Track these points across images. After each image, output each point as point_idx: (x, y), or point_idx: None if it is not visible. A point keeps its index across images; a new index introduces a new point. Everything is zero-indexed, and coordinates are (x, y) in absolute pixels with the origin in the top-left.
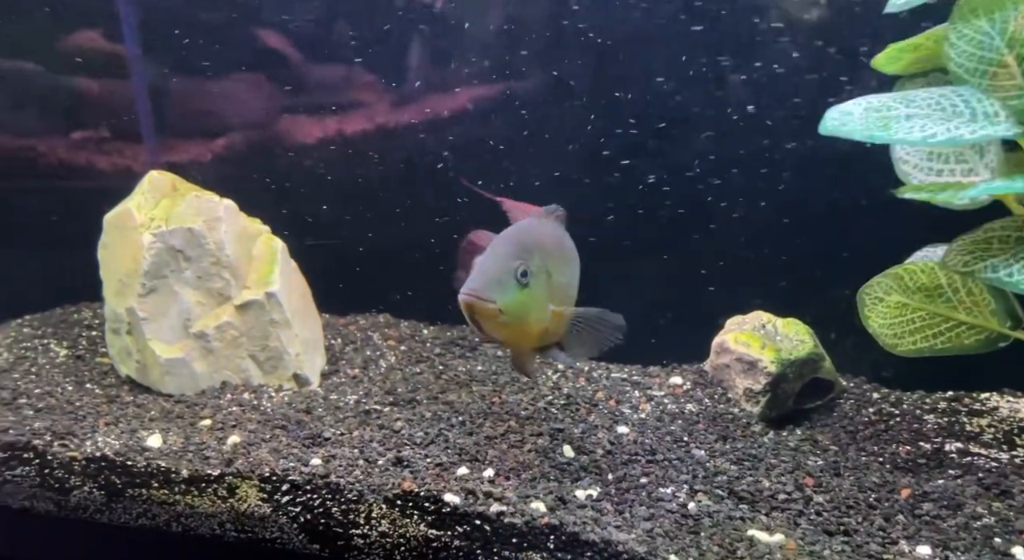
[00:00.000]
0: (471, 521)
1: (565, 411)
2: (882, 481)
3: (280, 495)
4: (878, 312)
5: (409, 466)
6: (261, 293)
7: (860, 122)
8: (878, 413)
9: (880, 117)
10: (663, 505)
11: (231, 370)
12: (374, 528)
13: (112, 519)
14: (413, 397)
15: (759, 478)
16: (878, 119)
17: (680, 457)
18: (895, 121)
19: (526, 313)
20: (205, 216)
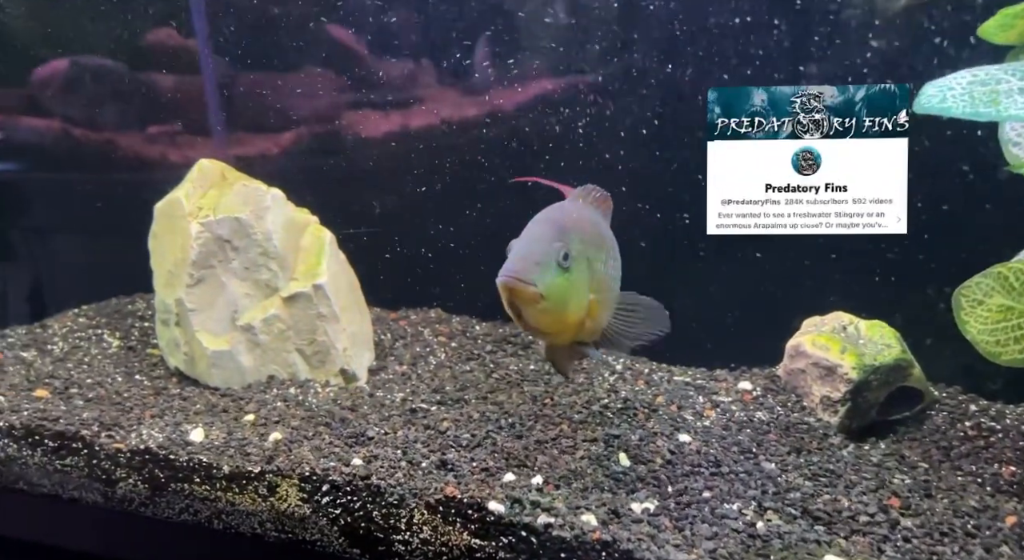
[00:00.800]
0: (517, 532)
1: (622, 416)
2: (982, 505)
3: (320, 496)
4: (977, 316)
5: (454, 470)
6: (309, 285)
7: (963, 98)
8: (976, 427)
9: (988, 92)
10: (728, 523)
11: (278, 364)
12: (416, 534)
13: (156, 513)
14: (461, 396)
15: (837, 496)
16: (985, 93)
17: (748, 470)
18: (1006, 96)
19: (567, 299)
20: (253, 205)
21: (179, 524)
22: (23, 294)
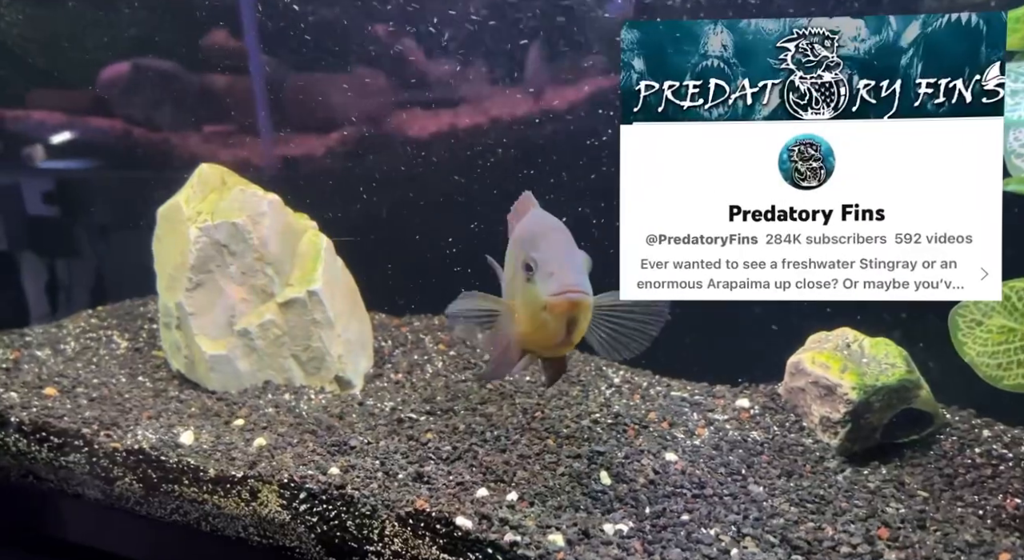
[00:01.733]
0: (483, 549)
1: (611, 431)
2: (977, 540)
3: (298, 503)
4: (976, 338)
5: (429, 482)
6: (303, 291)
7: None
8: (986, 455)
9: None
10: (701, 549)
11: (274, 370)
12: (387, 546)
13: (150, 512)
14: (451, 407)
15: (823, 524)
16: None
17: (733, 493)
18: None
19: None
20: (249, 210)
21: (170, 524)
22: (62, 289)
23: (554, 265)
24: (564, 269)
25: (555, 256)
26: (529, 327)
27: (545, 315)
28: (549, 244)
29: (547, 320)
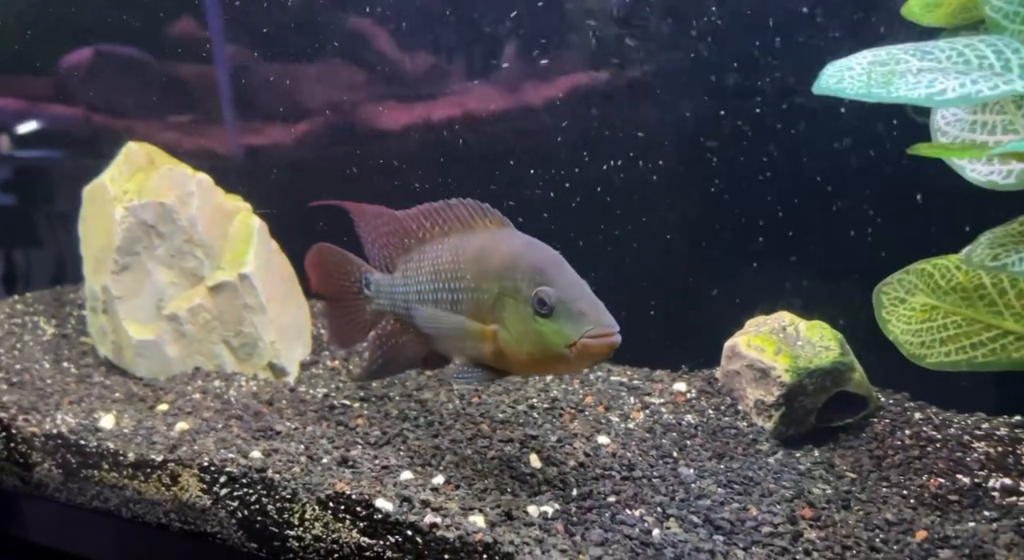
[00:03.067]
0: (403, 531)
1: (546, 416)
2: (897, 519)
3: (219, 487)
4: (899, 315)
5: (353, 467)
6: (234, 275)
7: (860, 78)
8: (915, 437)
9: (885, 72)
10: (623, 530)
11: (204, 356)
12: (308, 530)
13: (70, 499)
14: (386, 393)
15: (748, 505)
16: (882, 74)
17: (662, 475)
18: (900, 76)
19: None
20: (177, 190)
21: (91, 511)
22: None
23: (583, 304)
24: (597, 309)
25: (580, 293)
26: (531, 359)
27: (567, 352)
28: (567, 279)
29: (567, 357)
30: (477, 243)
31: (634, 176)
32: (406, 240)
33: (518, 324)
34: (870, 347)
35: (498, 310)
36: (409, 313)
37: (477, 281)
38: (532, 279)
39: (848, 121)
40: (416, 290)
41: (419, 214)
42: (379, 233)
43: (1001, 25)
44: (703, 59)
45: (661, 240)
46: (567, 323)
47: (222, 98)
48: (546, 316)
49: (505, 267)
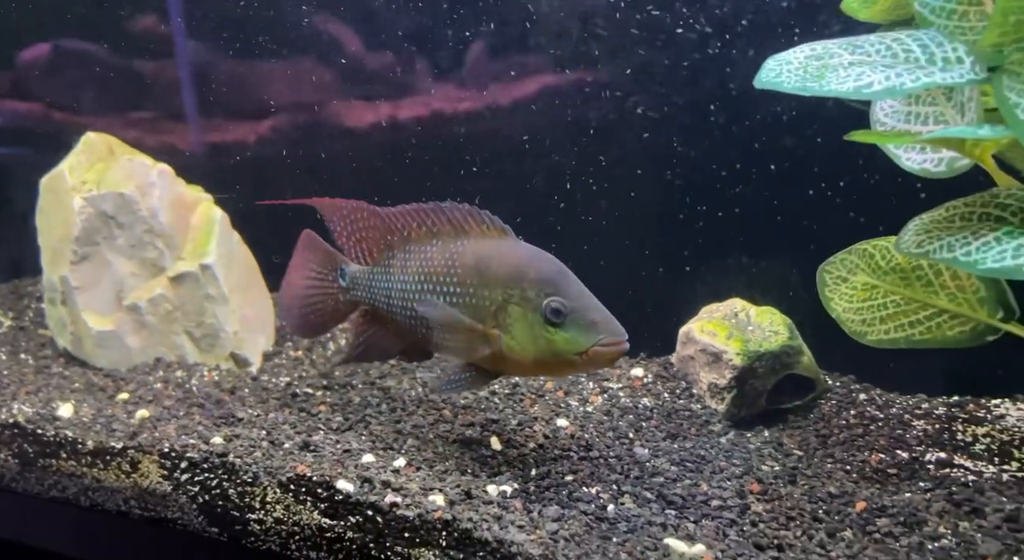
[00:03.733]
0: (363, 511)
1: (507, 401)
2: (839, 492)
3: (179, 473)
4: (841, 294)
5: (315, 451)
6: (196, 265)
7: (797, 72)
8: (859, 416)
9: (820, 66)
10: (579, 505)
11: (166, 346)
12: (269, 513)
13: (27, 489)
14: (349, 381)
15: (699, 482)
16: (816, 68)
17: (618, 455)
18: (832, 70)
19: None
20: (137, 180)
21: (48, 500)
22: None
23: (595, 314)
24: (607, 318)
25: (590, 303)
26: (538, 364)
27: (576, 359)
28: (576, 289)
29: (575, 363)
30: (477, 249)
31: (591, 168)
32: (389, 237)
33: (525, 331)
34: (820, 333)
35: (501, 316)
36: (390, 307)
37: (477, 287)
38: (542, 289)
39: (798, 113)
40: (401, 287)
41: (406, 213)
42: (355, 228)
43: (928, 20)
44: (652, 56)
45: (620, 232)
46: (579, 332)
47: (184, 94)
48: (557, 326)
49: (511, 276)
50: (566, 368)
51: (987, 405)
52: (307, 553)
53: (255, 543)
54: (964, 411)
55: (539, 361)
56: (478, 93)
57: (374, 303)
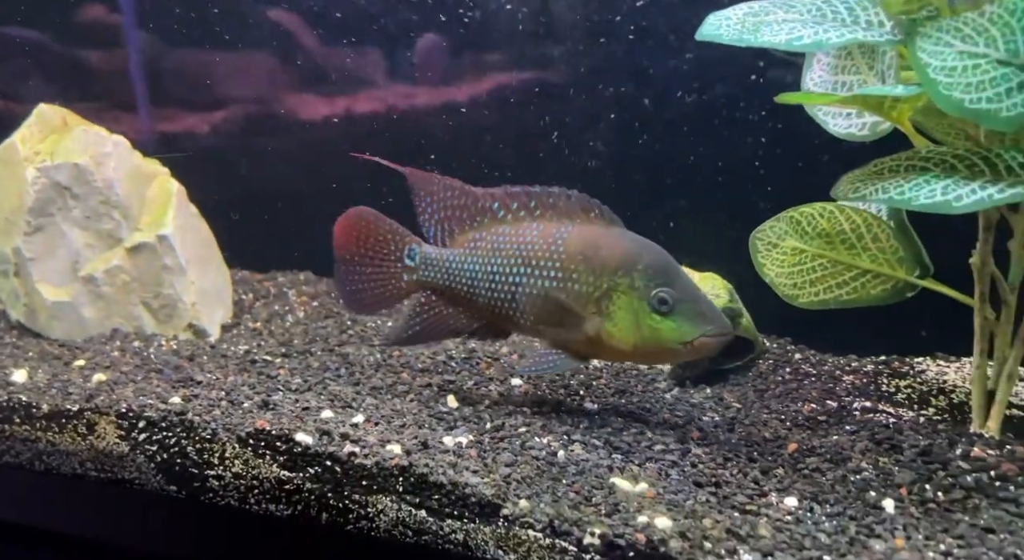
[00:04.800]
0: (322, 462)
1: (464, 364)
2: (774, 436)
3: (137, 432)
4: (773, 259)
5: (274, 409)
6: (153, 236)
7: (735, 26)
8: (794, 373)
9: (756, 22)
10: (531, 453)
11: (123, 317)
12: (228, 469)
13: None
14: (308, 349)
15: (644, 431)
16: (753, 23)
17: (570, 410)
18: (767, 26)
19: None
20: (92, 151)
21: (2, 466)
22: None
23: (703, 305)
24: (714, 310)
25: (698, 295)
26: (641, 351)
27: (680, 348)
28: (684, 281)
29: (679, 352)
30: (584, 236)
31: (541, 139)
32: (479, 217)
33: (629, 318)
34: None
35: (604, 303)
36: (473, 289)
37: (582, 273)
38: (652, 279)
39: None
40: (490, 269)
41: (505, 195)
42: (443, 205)
43: None
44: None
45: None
46: (686, 323)
47: (135, 84)
48: (665, 315)
49: (620, 264)
50: (667, 356)
51: (911, 362)
52: (266, 506)
53: (214, 499)
54: (890, 368)
55: (639, 348)
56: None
57: (451, 285)
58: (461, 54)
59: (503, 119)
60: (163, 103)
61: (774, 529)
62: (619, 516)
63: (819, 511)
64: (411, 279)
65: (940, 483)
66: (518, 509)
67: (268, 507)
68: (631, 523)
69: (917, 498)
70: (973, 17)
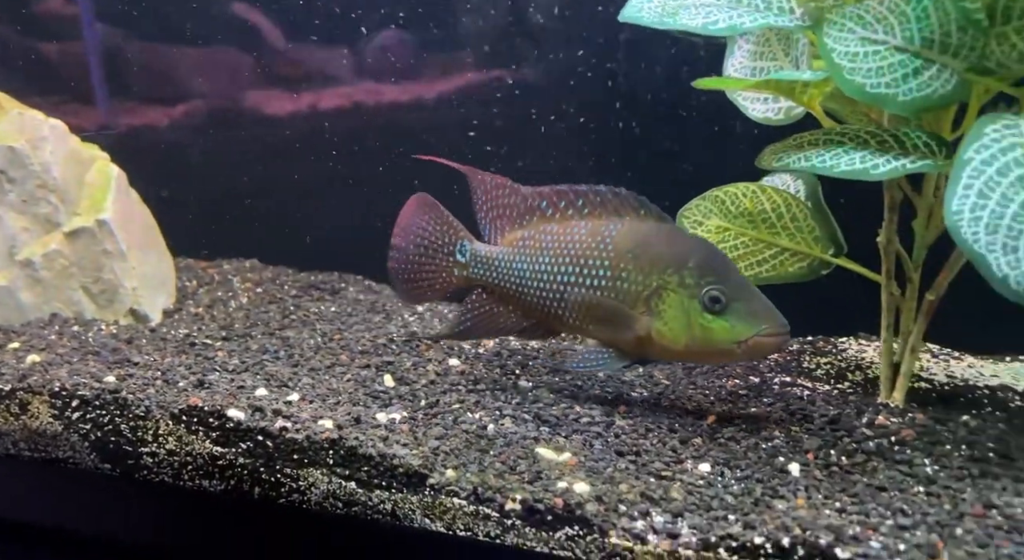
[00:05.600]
0: (254, 437)
1: (404, 347)
2: (695, 409)
3: (71, 411)
4: None
5: (209, 388)
6: (92, 220)
7: (656, 10)
8: None
9: (676, 6)
10: (462, 427)
11: (62, 302)
12: (162, 446)
13: None
14: (248, 333)
15: (573, 405)
16: (673, 7)
17: (504, 388)
18: (685, 9)
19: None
20: (28, 135)
21: None
22: None
23: (757, 305)
24: (769, 308)
25: (752, 293)
26: (692, 351)
27: (735, 348)
28: (737, 279)
29: (733, 352)
30: (632, 234)
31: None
32: (527, 216)
33: (680, 317)
34: None
35: (653, 302)
36: (521, 288)
37: (631, 271)
38: (703, 277)
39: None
40: (538, 268)
41: (553, 194)
42: (495, 204)
43: None
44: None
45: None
46: (740, 322)
47: (93, 77)
48: (717, 314)
49: (669, 262)
50: (721, 356)
51: (834, 341)
52: (199, 482)
53: (148, 476)
54: (814, 347)
55: (691, 348)
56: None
57: (499, 283)
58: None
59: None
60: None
61: (686, 492)
62: (540, 483)
63: (729, 475)
64: (460, 275)
65: (844, 448)
66: (444, 478)
67: (202, 483)
68: (551, 489)
69: (822, 462)
70: (874, 5)
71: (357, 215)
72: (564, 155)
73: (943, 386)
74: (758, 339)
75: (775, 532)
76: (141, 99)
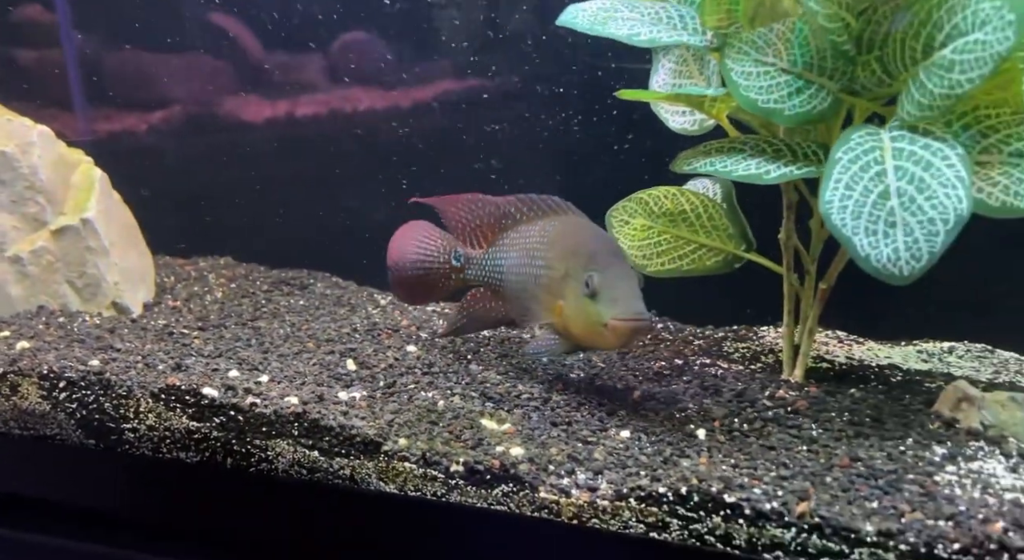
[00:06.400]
0: (226, 412)
1: (366, 335)
2: (625, 388)
3: (58, 392)
4: (625, 234)
5: (186, 370)
6: (77, 219)
7: (589, 17)
8: (654, 339)
9: (606, 16)
10: (415, 403)
11: (48, 295)
12: (142, 422)
13: None
14: (222, 323)
15: (517, 385)
16: (603, 17)
17: (456, 370)
18: (613, 20)
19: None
20: (17, 140)
21: None
22: None
23: (619, 292)
24: (628, 297)
25: (620, 283)
26: (580, 331)
27: (604, 330)
28: (612, 267)
29: (604, 334)
30: (555, 229)
31: None
32: (503, 220)
33: (573, 301)
34: None
35: (563, 287)
36: (503, 282)
37: (551, 260)
38: (587, 264)
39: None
40: (506, 264)
41: (517, 201)
42: (473, 216)
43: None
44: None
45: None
46: (603, 305)
47: (71, 83)
48: (591, 297)
49: (570, 251)
50: (601, 338)
51: (755, 330)
52: (177, 454)
53: (129, 450)
54: (737, 335)
55: (583, 330)
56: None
57: (488, 281)
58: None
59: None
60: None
61: (607, 454)
62: (481, 448)
63: (645, 440)
64: (458, 277)
65: (746, 417)
66: (397, 446)
67: (179, 455)
68: (490, 453)
69: (726, 428)
70: (765, 32)
71: (325, 216)
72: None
73: (841, 366)
74: (614, 322)
75: (676, 483)
76: (121, 105)
